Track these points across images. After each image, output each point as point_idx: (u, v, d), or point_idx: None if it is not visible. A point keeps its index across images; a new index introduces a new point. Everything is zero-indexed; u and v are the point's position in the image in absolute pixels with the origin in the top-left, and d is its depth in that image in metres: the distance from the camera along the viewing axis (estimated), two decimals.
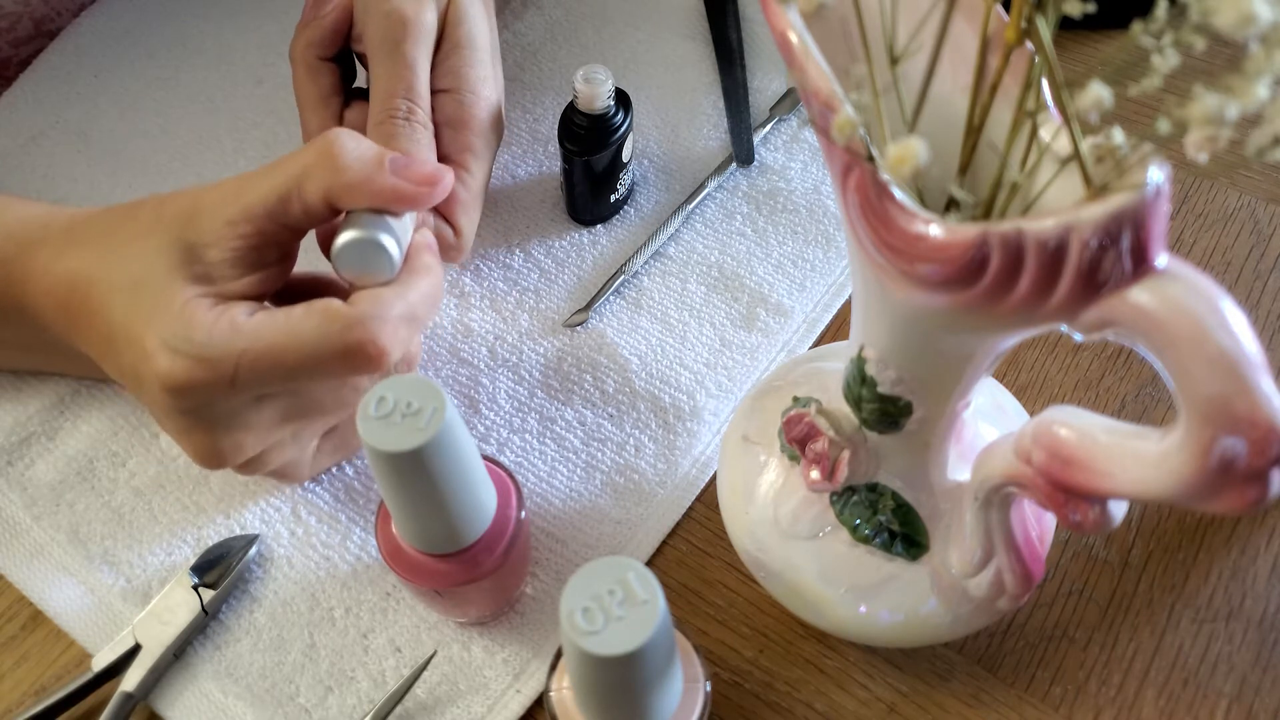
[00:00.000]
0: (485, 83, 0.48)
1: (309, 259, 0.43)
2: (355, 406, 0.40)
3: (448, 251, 0.47)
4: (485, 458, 0.40)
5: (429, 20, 0.47)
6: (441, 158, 0.47)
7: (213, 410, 0.38)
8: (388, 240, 0.39)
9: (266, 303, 0.40)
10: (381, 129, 0.45)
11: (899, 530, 0.37)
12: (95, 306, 0.38)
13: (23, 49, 0.62)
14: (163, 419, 0.39)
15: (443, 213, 0.47)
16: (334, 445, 0.45)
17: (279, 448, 0.42)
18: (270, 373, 0.37)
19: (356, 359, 0.37)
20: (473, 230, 0.48)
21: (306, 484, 0.47)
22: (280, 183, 0.38)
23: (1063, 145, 0.27)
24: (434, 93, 0.47)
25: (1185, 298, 0.25)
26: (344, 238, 0.38)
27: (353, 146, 0.38)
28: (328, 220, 0.40)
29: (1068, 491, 0.29)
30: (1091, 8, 0.24)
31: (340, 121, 0.49)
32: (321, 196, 0.38)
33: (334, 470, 0.48)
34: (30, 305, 0.41)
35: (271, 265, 0.39)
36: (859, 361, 0.34)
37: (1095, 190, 0.26)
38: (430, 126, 0.46)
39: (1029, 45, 0.26)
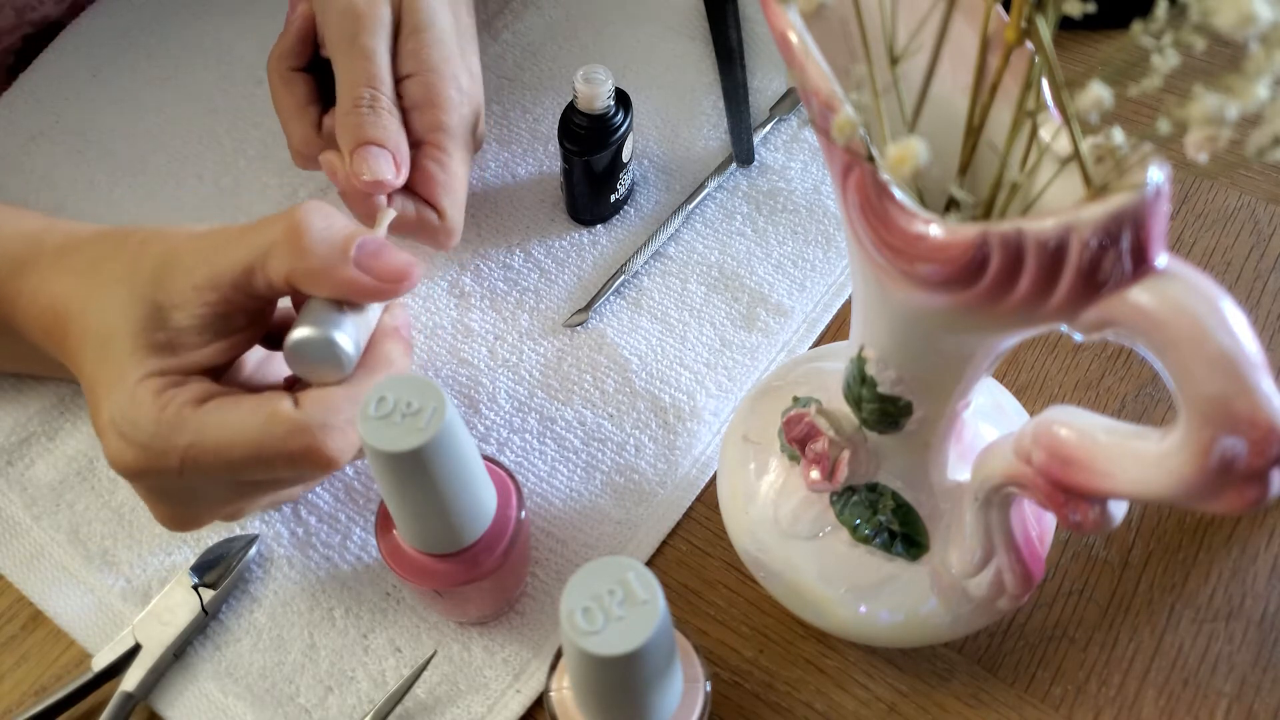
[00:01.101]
0: (448, 62, 0.48)
1: None
2: (311, 487, 0.41)
3: (435, 236, 0.46)
4: (485, 458, 0.40)
5: (382, 12, 0.47)
6: (414, 141, 0.47)
7: (167, 489, 0.38)
8: (341, 338, 0.36)
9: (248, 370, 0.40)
10: (348, 120, 0.44)
11: (899, 530, 0.37)
12: (72, 350, 0.38)
13: (6, 38, 0.62)
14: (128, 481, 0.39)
15: (422, 195, 0.46)
16: (315, 479, 0.44)
17: (252, 507, 0.41)
18: (215, 469, 0.36)
19: (301, 464, 0.36)
20: (459, 211, 0.47)
21: None
22: (247, 255, 0.37)
23: (1063, 145, 0.27)
24: (399, 80, 0.47)
25: (1185, 298, 0.25)
26: (295, 334, 0.36)
27: (320, 228, 0.36)
28: (292, 293, 0.38)
29: (1068, 491, 0.29)
30: (1091, 8, 0.24)
31: (319, 129, 0.49)
32: (283, 277, 0.37)
33: None
34: (20, 326, 0.41)
35: (239, 331, 0.38)
36: (859, 361, 0.34)
37: (1095, 190, 0.26)
38: (396, 112, 0.46)
39: (1029, 45, 0.26)
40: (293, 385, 0.40)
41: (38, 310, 0.40)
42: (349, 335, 0.37)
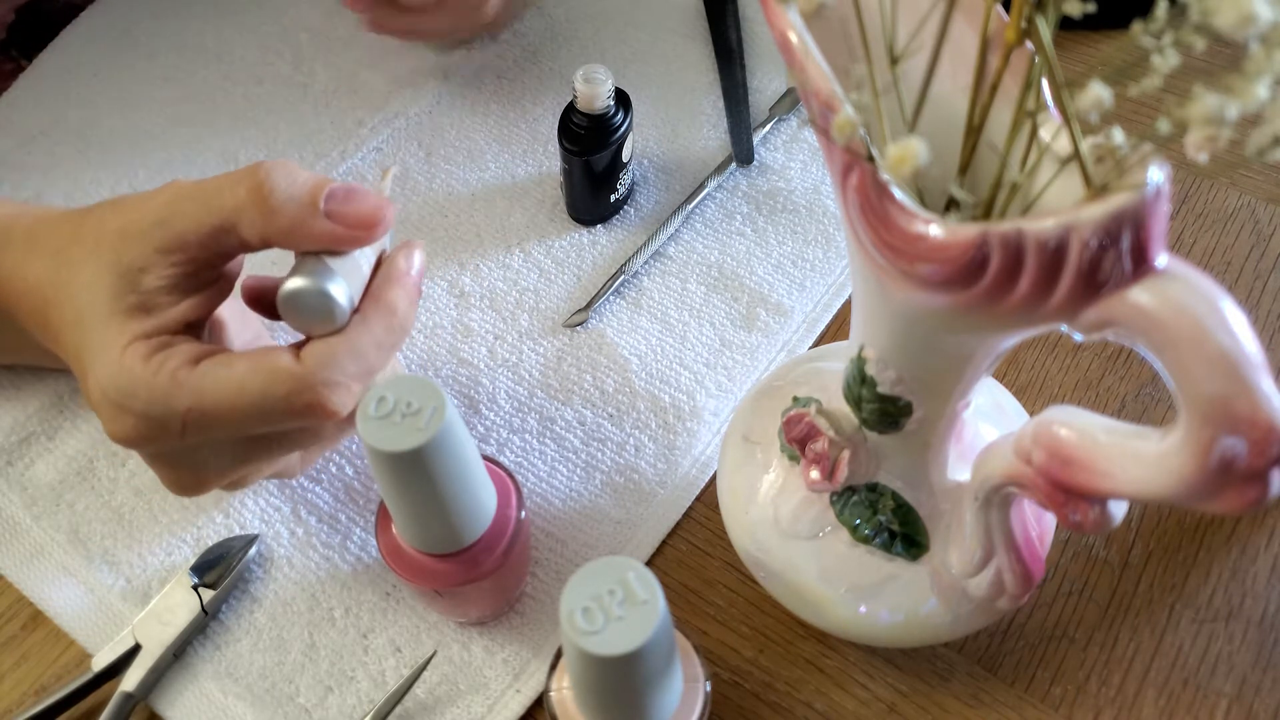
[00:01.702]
0: None
1: None
2: (324, 445, 0.39)
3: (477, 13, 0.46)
4: (485, 458, 0.40)
5: None
6: None
7: (170, 454, 0.37)
8: (334, 288, 0.36)
9: (225, 335, 0.39)
10: None
11: (899, 530, 0.37)
12: (54, 334, 0.38)
13: None
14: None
15: None
16: (320, 447, 0.43)
17: (256, 472, 0.40)
18: (218, 429, 0.36)
19: (306, 418, 0.36)
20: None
21: (306, 484, 0.47)
22: (212, 217, 0.36)
23: (1063, 145, 0.27)
24: None
25: (1185, 298, 0.25)
26: (286, 287, 0.36)
27: (285, 186, 0.36)
28: (269, 248, 0.37)
29: (1068, 491, 0.29)
30: (1091, 8, 0.24)
31: None
32: (258, 238, 0.36)
33: (334, 470, 0.48)
34: (6, 308, 0.41)
35: (211, 284, 0.38)
36: (859, 361, 0.34)
37: (1095, 190, 0.26)
38: None
39: (1029, 45, 0.26)
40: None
41: (22, 290, 0.39)
42: (341, 285, 0.36)
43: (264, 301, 0.39)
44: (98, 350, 0.36)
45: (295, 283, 0.36)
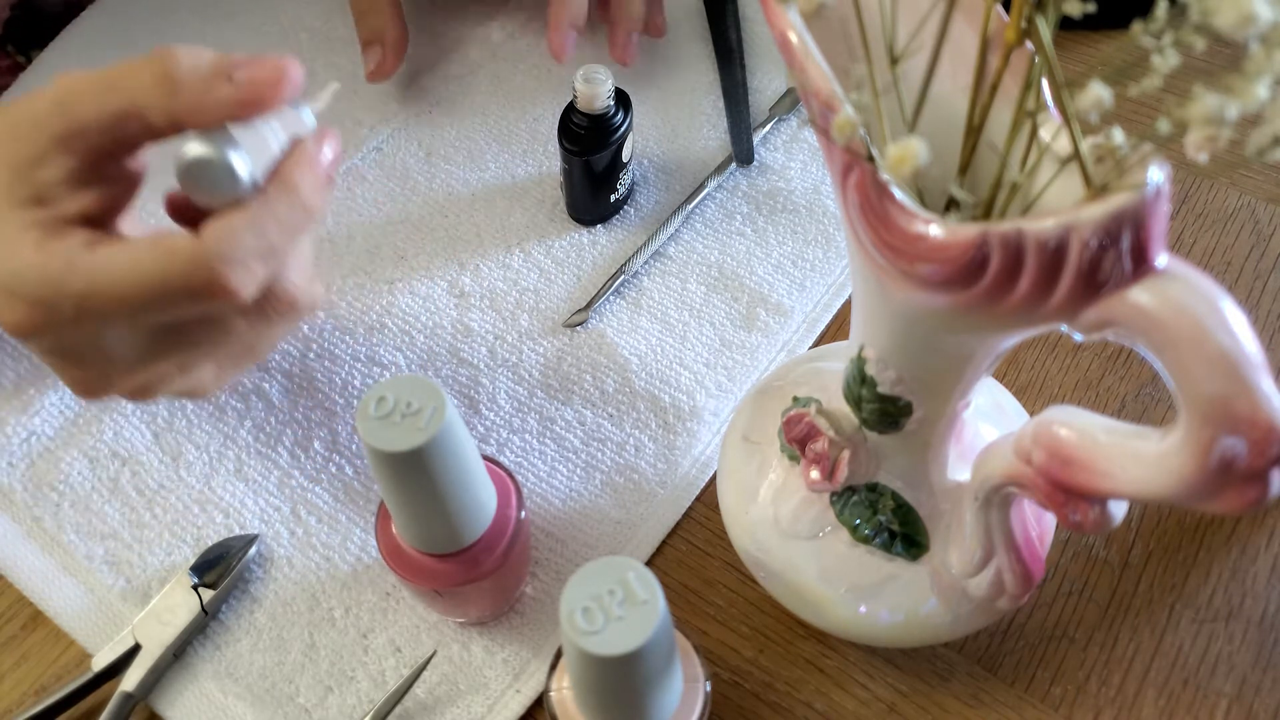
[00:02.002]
0: None
1: None
2: (237, 340, 0.38)
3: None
4: (485, 458, 0.40)
5: None
6: None
7: (67, 347, 0.36)
8: (235, 158, 0.34)
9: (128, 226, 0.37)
10: None
11: (899, 530, 0.37)
12: None
13: None
14: (31, 351, 0.37)
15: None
16: (233, 360, 0.41)
17: (166, 380, 0.39)
18: (114, 313, 0.34)
19: (204, 299, 0.34)
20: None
21: (306, 484, 0.47)
22: (115, 101, 0.34)
23: (1063, 145, 0.27)
24: None
25: (1185, 298, 0.25)
26: (184, 153, 0.34)
27: (189, 64, 0.34)
28: (177, 131, 0.35)
29: (1068, 491, 0.29)
30: (1091, 8, 0.24)
31: None
32: (166, 120, 0.34)
33: (334, 470, 0.48)
34: None
35: (113, 180, 0.36)
36: (859, 361, 0.34)
37: (1095, 190, 0.26)
38: None
39: (1029, 45, 0.26)
40: None
41: None
42: (241, 155, 0.34)
43: (188, 215, 0.37)
44: None
45: (193, 148, 0.34)
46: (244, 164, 0.34)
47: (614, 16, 0.58)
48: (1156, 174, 0.25)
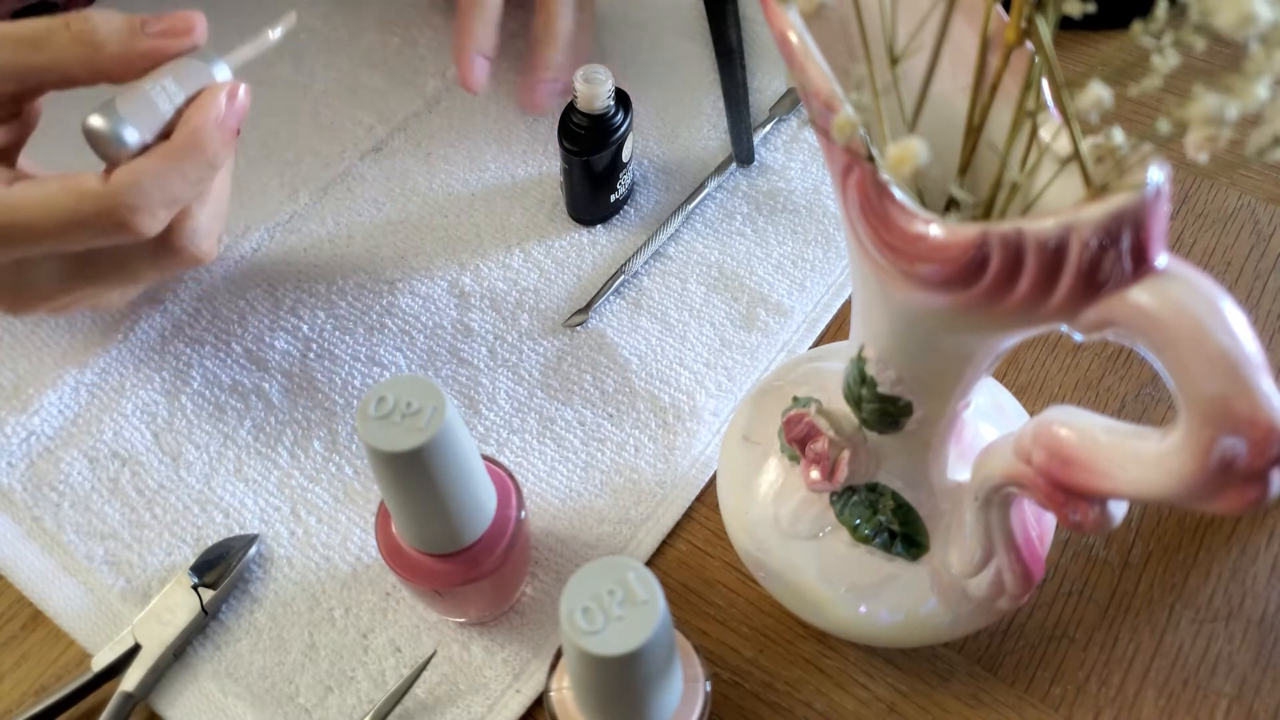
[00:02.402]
0: None
1: None
2: (140, 275, 0.42)
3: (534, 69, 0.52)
4: (485, 458, 0.40)
5: None
6: None
7: None
8: (126, 130, 0.38)
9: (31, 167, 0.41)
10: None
11: (899, 530, 0.37)
12: None
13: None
14: None
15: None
16: (138, 284, 0.45)
17: (80, 301, 0.43)
18: (31, 245, 0.38)
19: (114, 236, 0.38)
20: (556, 58, 0.52)
21: (306, 484, 0.47)
22: (37, 60, 0.38)
23: (1063, 145, 0.27)
24: None
25: (1185, 298, 0.25)
26: (85, 122, 0.38)
27: (104, 24, 0.38)
28: (99, 82, 0.40)
29: (1068, 491, 0.29)
30: (1091, 8, 0.24)
31: None
32: (88, 73, 0.39)
33: (334, 470, 0.48)
34: None
35: (20, 118, 0.40)
36: (859, 361, 0.34)
37: (1095, 190, 0.26)
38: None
39: (1029, 45, 0.26)
40: None
41: None
42: (132, 127, 0.38)
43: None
44: None
45: (91, 119, 0.38)
46: (133, 133, 0.38)
47: (534, 59, 0.54)
48: (1156, 174, 0.25)
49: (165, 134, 0.39)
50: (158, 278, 0.43)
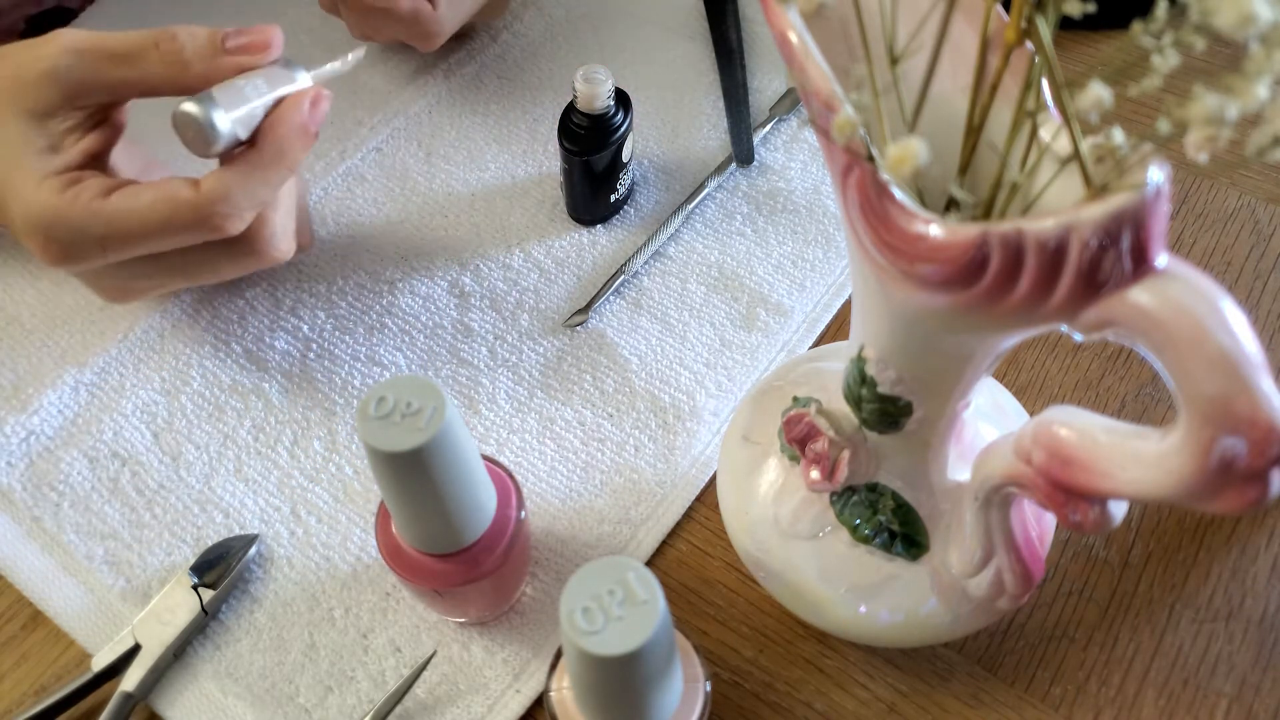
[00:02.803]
0: None
1: None
2: (225, 273, 0.45)
3: (424, 27, 0.52)
4: (485, 458, 0.40)
5: None
6: None
7: (95, 272, 0.43)
8: (216, 117, 0.40)
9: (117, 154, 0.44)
10: None
11: (899, 530, 0.37)
12: None
13: (6, 17, 0.62)
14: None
15: None
16: (230, 267, 0.47)
17: (174, 287, 0.47)
18: (131, 249, 0.41)
19: (204, 235, 0.41)
20: (451, 14, 0.53)
21: (306, 484, 0.47)
22: (127, 74, 0.41)
23: (1063, 145, 0.27)
24: None
25: (1185, 298, 0.25)
26: (178, 109, 0.40)
27: (189, 41, 0.41)
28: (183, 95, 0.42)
29: (1068, 491, 0.29)
30: (1091, 8, 0.24)
31: None
32: (172, 87, 0.41)
33: (333, 470, 0.48)
34: None
35: (106, 123, 0.43)
36: (859, 361, 0.34)
37: (1095, 190, 0.26)
38: None
39: (1029, 45, 0.26)
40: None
41: None
42: (219, 113, 0.40)
43: None
44: (17, 189, 0.40)
45: (185, 106, 0.40)
46: (225, 121, 0.40)
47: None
48: (1156, 174, 0.25)
49: (252, 130, 0.42)
50: (240, 272, 0.45)
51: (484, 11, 0.59)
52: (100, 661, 0.42)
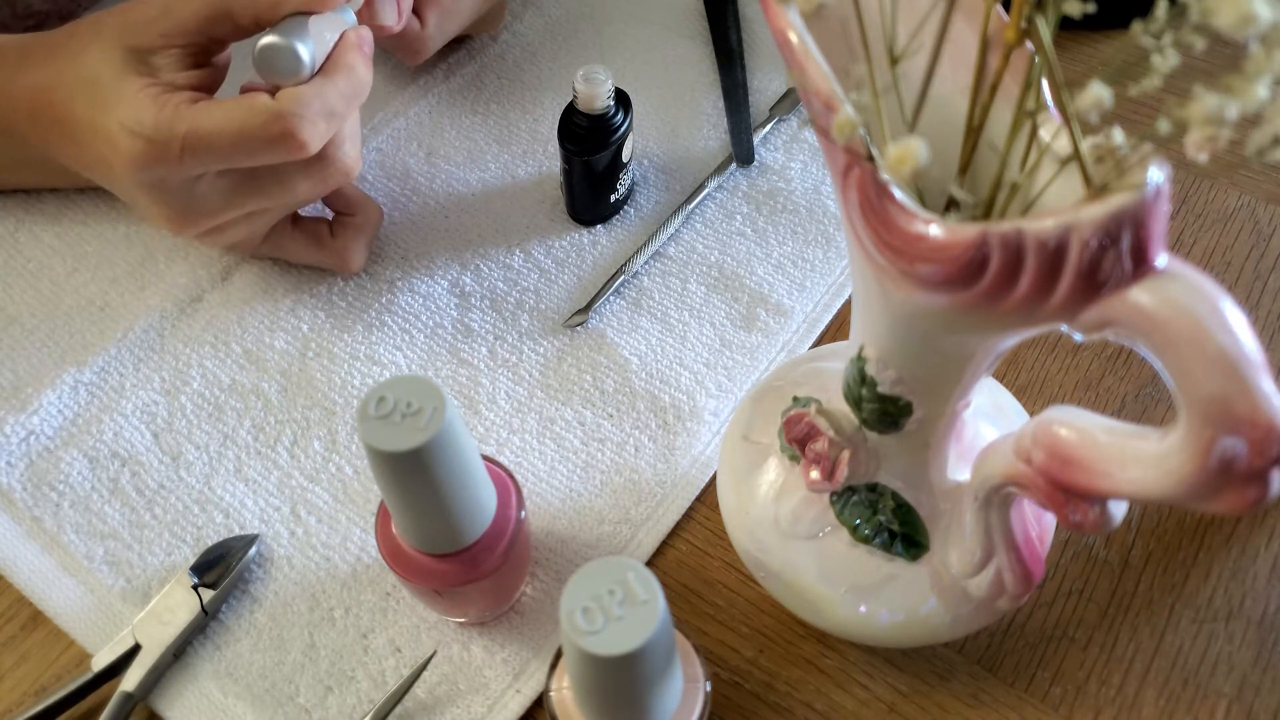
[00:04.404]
0: None
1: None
2: (298, 190, 0.46)
3: (411, 43, 0.54)
4: (485, 458, 0.40)
5: None
6: None
7: (169, 184, 0.44)
8: (300, 46, 0.43)
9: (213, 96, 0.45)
10: None
11: (899, 530, 0.37)
12: (60, 112, 0.45)
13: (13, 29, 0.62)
14: (134, 194, 0.45)
15: (417, 9, 0.53)
16: (283, 212, 0.50)
17: (234, 226, 0.48)
18: (208, 152, 0.43)
19: (279, 147, 0.43)
20: (439, 32, 0.54)
21: (306, 484, 0.47)
22: (206, 7, 0.44)
23: (1063, 145, 0.27)
24: None
25: (1185, 298, 0.25)
26: (261, 42, 0.43)
27: None
28: (258, 32, 0.44)
29: (1068, 491, 0.29)
30: (1091, 8, 0.24)
31: None
32: (250, 19, 0.44)
33: (333, 470, 0.48)
34: (3, 120, 0.48)
35: (205, 67, 0.46)
36: (859, 361, 0.34)
37: (1095, 190, 0.26)
38: None
39: (1029, 45, 0.26)
40: None
41: (16, 100, 0.47)
42: (305, 42, 0.43)
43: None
44: (114, 98, 0.43)
45: (270, 38, 0.43)
46: (307, 50, 0.43)
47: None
48: (1156, 174, 0.25)
49: (322, 62, 0.45)
50: (310, 191, 0.47)
51: (477, 25, 0.60)
52: (100, 661, 0.42)
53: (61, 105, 0.45)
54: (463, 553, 0.39)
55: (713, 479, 0.47)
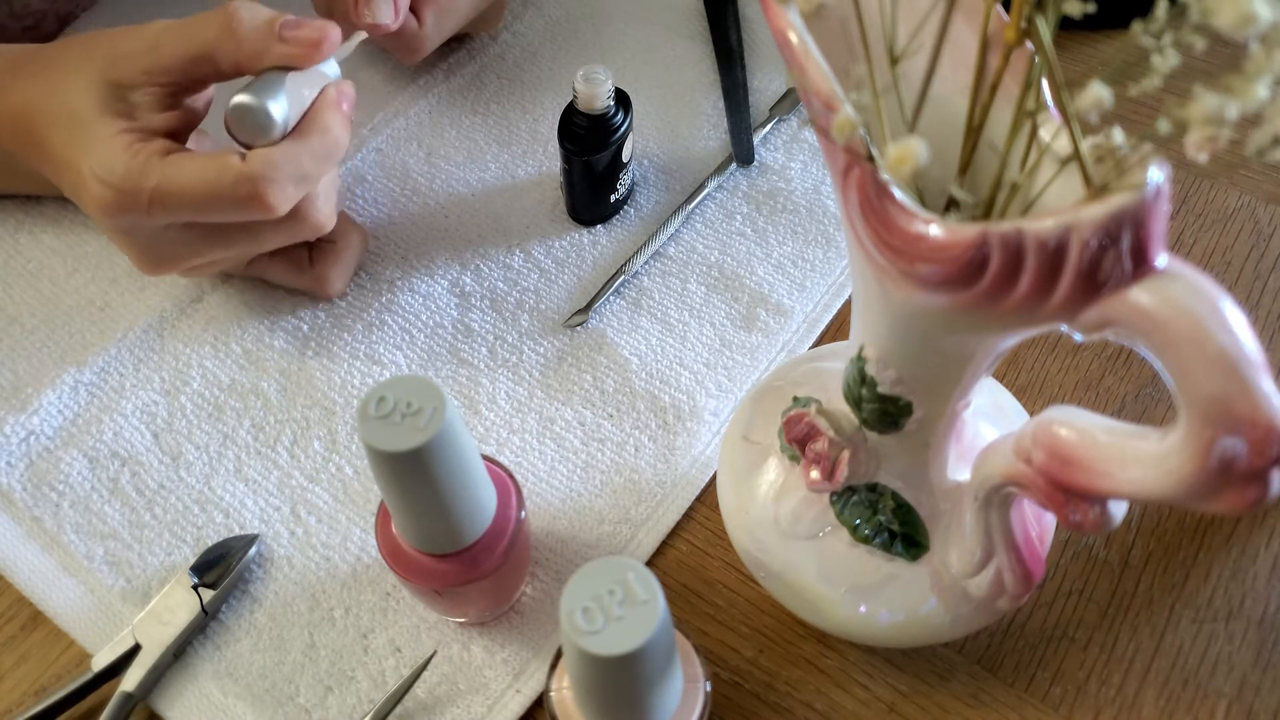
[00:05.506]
0: None
1: None
2: (267, 243, 0.46)
3: (409, 42, 0.53)
4: (485, 458, 0.40)
5: None
6: None
7: (138, 230, 0.44)
8: (272, 106, 0.42)
9: (190, 144, 0.45)
10: None
11: (899, 530, 0.37)
12: (39, 137, 0.45)
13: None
14: (107, 233, 0.45)
15: (414, 7, 0.53)
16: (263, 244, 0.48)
17: (206, 266, 0.48)
18: (176, 207, 0.42)
19: (247, 208, 0.42)
20: (437, 31, 0.54)
21: (306, 484, 0.47)
22: (191, 48, 0.43)
23: (1063, 145, 0.27)
24: None
25: (1185, 298, 0.25)
26: (233, 101, 0.42)
27: (249, 19, 0.43)
28: (239, 74, 0.44)
29: (1068, 491, 0.29)
30: (1091, 8, 0.24)
31: None
32: (231, 66, 0.44)
33: (333, 470, 0.48)
34: None
35: (186, 109, 0.45)
36: (859, 361, 0.34)
37: (1095, 190, 0.26)
38: None
39: (1029, 45, 0.26)
40: None
41: (3, 114, 0.46)
42: (279, 103, 0.42)
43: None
44: (88, 138, 0.43)
45: (242, 97, 0.42)
46: (280, 111, 0.42)
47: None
48: (1156, 174, 0.25)
49: (298, 120, 0.44)
50: (280, 243, 0.47)
51: (477, 24, 0.60)
52: (100, 661, 0.42)
53: (41, 131, 0.44)
54: (463, 553, 0.39)
55: (713, 479, 0.47)
